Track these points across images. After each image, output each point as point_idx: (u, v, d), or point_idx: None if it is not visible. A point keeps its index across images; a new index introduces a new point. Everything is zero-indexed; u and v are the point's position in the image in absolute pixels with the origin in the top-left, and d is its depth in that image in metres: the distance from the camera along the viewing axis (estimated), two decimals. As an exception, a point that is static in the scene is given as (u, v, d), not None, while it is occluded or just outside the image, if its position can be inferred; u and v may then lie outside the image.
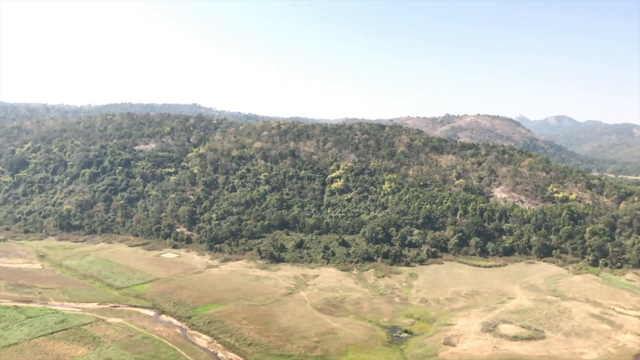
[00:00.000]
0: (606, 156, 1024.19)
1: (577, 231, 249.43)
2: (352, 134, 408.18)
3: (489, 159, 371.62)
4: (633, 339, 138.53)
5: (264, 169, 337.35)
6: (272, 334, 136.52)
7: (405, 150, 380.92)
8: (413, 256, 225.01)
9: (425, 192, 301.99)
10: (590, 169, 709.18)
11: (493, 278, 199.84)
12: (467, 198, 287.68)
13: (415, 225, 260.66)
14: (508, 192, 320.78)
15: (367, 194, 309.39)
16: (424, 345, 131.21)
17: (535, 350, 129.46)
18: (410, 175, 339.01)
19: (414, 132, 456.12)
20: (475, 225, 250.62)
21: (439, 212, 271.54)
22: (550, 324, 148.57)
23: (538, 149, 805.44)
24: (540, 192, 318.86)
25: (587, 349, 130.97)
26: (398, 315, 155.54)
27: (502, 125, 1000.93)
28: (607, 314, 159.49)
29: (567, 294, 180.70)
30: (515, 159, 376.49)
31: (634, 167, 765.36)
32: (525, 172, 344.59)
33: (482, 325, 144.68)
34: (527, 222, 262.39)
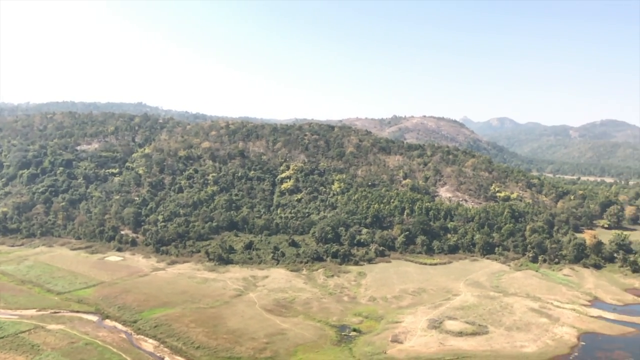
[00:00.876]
0: (545, 156, 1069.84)
1: (518, 229, 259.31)
2: (302, 134, 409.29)
3: (434, 159, 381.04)
4: (569, 331, 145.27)
5: (212, 170, 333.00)
6: (220, 337, 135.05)
7: (354, 150, 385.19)
8: (362, 255, 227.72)
9: (373, 192, 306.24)
10: (530, 168, 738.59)
11: (439, 275, 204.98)
12: (414, 197, 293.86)
13: (363, 225, 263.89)
14: (453, 192, 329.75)
15: (317, 194, 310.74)
16: (372, 343, 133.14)
17: (479, 345, 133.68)
18: (359, 175, 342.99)
19: (362, 133, 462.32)
20: (421, 224, 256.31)
21: (387, 211, 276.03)
22: (493, 319, 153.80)
23: (481, 150, 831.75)
24: (483, 191, 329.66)
25: (527, 342, 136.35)
26: (347, 314, 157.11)
27: (447, 126, 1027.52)
28: (545, 308, 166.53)
29: (509, 290, 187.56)
30: (459, 159, 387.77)
31: (570, 167, 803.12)
32: (469, 172, 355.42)
33: (429, 322, 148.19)
34: (470, 220, 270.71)
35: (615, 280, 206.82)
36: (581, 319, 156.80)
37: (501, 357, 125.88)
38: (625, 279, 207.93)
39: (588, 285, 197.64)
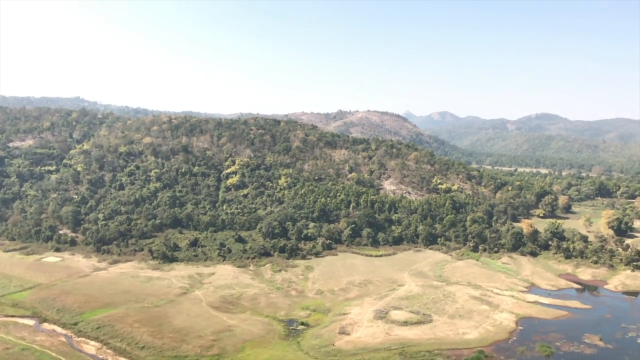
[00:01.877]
0: (484, 149, 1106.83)
1: (459, 219, 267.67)
2: (247, 128, 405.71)
3: (378, 153, 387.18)
4: (508, 317, 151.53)
5: (154, 166, 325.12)
6: (166, 336, 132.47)
7: (301, 145, 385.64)
8: (309, 249, 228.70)
9: (320, 186, 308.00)
10: (470, 161, 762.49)
11: (384, 267, 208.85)
12: (359, 191, 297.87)
13: (311, 219, 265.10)
14: (397, 185, 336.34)
15: (264, 189, 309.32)
16: (320, 336, 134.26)
17: (424, 333, 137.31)
18: (305, 169, 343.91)
19: (308, 128, 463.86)
20: (367, 216, 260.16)
21: (333, 205, 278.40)
22: (436, 307, 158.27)
23: (423, 143, 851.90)
24: (426, 183, 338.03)
25: (469, 329, 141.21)
26: (295, 308, 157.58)
27: (390, 120, 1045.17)
28: (486, 295, 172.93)
29: (451, 279, 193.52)
30: (402, 153, 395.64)
31: (508, 159, 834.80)
32: (412, 165, 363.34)
33: (375, 313, 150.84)
34: (414, 212, 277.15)
35: (550, 266, 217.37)
36: (519, 304, 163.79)
37: (445, 344, 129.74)
38: (559, 265, 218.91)
39: (525, 272, 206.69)
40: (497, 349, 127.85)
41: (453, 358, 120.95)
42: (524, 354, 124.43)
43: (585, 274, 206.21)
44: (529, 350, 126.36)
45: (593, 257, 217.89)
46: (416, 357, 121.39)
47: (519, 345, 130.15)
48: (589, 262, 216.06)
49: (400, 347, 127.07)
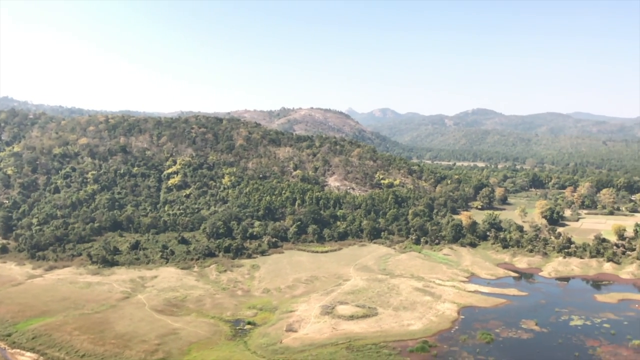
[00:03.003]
0: (424, 144, 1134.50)
1: (401, 213, 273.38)
2: (188, 127, 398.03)
3: (322, 150, 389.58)
4: (450, 307, 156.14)
5: (91, 167, 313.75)
6: (108, 342, 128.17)
7: (244, 143, 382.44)
8: (255, 248, 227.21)
9: (265, 184, 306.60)
10: (411, 156, 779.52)
11: (330, 262, 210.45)
12: (304, 188, 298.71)
13: (256, 217, 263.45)
14: (341, 181, 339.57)
15: (207, 189, 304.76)
16: (267, 335, 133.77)
17: (370, 326, 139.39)
18: (249, 168, 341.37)
19: (252, 125, 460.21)
20: (312, 213, 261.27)
21: (279, 202, 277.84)
22: (381, 300, 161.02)
23: (366, 140, 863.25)
24: (369, 179, 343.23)
25: (413, 320, 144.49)
26: (241, 308, 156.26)
27: (333, 118, 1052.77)
28: (428, 286, 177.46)
29: (395, 272, 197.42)
30: (346, 149, 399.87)
31: (446, 154, 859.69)
32: (356, 162, 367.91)
33: (321, 309, 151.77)
34: (358, 207, 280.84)
35: (489, 256, 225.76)
36: (460, 294, 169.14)
37: (390, 336, 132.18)
38: (497, 254, 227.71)
39: (465, 262, 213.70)
40: (441, 338, 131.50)
41: (398, 349, 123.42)
42: (465, 342, 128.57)
43: (522, 262, 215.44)
44: (470, 339, 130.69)
45: (528, 246, 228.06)
46: (362, 350, 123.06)
47: (461, 333, 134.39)
48: (524, 251, 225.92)
49: (347, 341, 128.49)
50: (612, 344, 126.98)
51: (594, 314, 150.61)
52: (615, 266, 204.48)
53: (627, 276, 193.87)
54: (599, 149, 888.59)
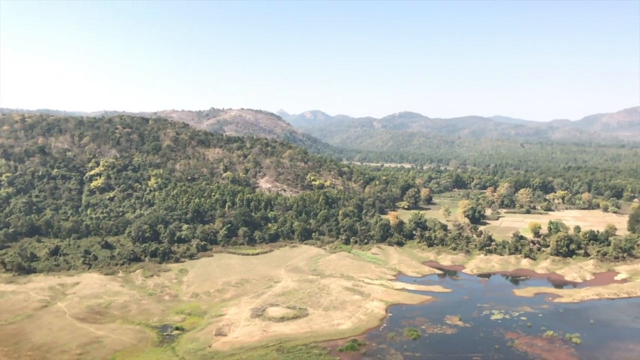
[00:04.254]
0: (353, 146, 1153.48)
1: (332, 214, 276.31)
2: (112, 127, 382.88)
3: (253, 151, 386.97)
4: (378, 305, 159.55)
5: (5, 169, 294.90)
6: (24, 354, 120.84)
7: (172, 144, 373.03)
8: (183, 252, 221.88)
9: (193, 186, 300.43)
10: (341, 158, 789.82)
11: (261, 265, 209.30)
12: (235, 190, 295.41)
13: (184, 220, 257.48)
14: (272, 182, 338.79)
15: (132, 191, 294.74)
16: (196, 340, 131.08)
17: (300, 327, 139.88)
18: (177, 169, 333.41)
19: (180, 126, 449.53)
20: (243, 215, 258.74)
21: (208, 205, 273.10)
22: (312, 301, 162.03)
23: (297, 141, 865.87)
24: (300, 180, 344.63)
25: (343, 319, 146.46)
26: (169, 314, 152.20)
27: (264, 119, 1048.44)
28: (358, 285, 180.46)
29: (326, 272, 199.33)
30: (277, 151, 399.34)
31: (375, 155, 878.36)
32: (287, 163, 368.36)
33: (252, 311, 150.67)
34: (289, 209, 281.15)
35: (415, 254, 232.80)
36: (388, 292, 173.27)
37: (320, 336, 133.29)
38: (423, 253, 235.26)
39: (393, 261, 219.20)
40: (370, 336, 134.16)
41: (328, 349, 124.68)
42: (393, 339, 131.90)
43: (446, 260, 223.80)
44: (398, 336, 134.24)
45: (452, 244, 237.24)
46: (293, 351, 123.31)
47: (389, 331, 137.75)
48: (448, 249, 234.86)
49: (277, 343, 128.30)
50: (529, 336, 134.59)
51: (513, 308, 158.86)
52: (532, 262, 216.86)
53: (542, 271, 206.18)
54: (517, 151, 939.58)
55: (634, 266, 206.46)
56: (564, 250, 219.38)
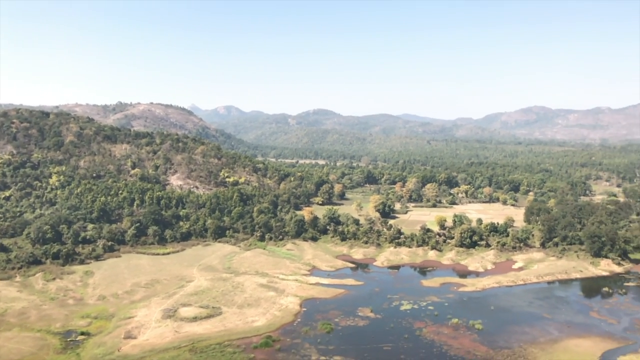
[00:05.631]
0: (268, 142, 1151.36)
1: (246, 211, 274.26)
2: (8, 122, 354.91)
3: (164, 147, 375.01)
4: (293, 300, 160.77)
5: None
6: None
7: (75, 140, 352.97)
8: (88, 253, 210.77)
9: (99, 184, 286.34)
10: (256, 154, 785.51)
11: (172, 264, 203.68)
12: (144, 187, 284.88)
13: (89, 220, 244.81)
14: (184, 179, 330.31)
15: (31, 190, 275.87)
16: (103, 344, 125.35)
17: (214, 327, 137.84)
18: (81, 166, 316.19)
19: (84, 121, 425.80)
20: (152, 214, 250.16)
21: (115, 203, 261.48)
22: (226, 299, 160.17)
23: (210, 137, 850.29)
24: (214, 177, 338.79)
25: (257, 316, 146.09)
26: (73, 318, 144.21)
27: (175, 114, 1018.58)
28: (273, 282, 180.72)
29: (240, 270, 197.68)
30: (189, 147, 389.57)
31: (290, 152, 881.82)
32: (199, 159, 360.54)
33: (163, 312, 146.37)
34: (202, 206, 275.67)
35: (329, 249, 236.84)
36: (302, 287, 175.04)
37: (234, 334, 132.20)
38: (336, 247, 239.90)
39: (307, 256, 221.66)
40: (284, 332, 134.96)
41: (243, 347, 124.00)
42: (307, 333, 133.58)
43: (358, 253, 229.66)
44: (312, 330, 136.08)
45: (364, 238, 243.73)
46: (206, 351, 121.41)
47: (304, 325, 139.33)
48: (360, 243, 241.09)
49: (190, 343, 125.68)
50: (436, 324, 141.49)
51: (421, 298, 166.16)
52: (438, 253, 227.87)
53: (448, 262, 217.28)
54: (424, 148, 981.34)
55: (529, 255, 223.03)
56: (468, 241, 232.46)
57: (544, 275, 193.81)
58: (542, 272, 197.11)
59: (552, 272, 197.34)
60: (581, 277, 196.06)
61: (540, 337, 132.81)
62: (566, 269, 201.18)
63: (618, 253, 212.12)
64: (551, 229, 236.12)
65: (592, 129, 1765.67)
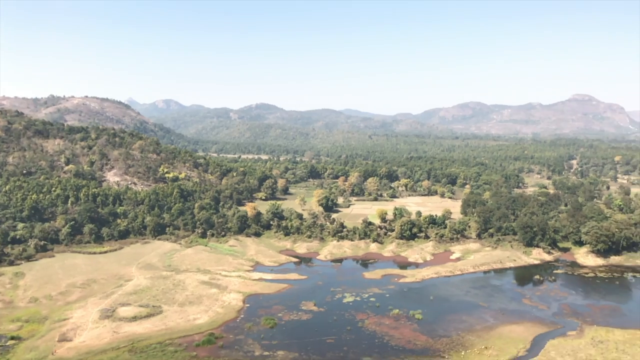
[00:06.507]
0: (210, 137, 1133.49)
1: (187, 207, 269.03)
2: None
3: (99, 142, 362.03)
4: (236, 297, 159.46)
5: None
6: None
7: (3, 134, 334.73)
8: (18, 253, 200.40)
9: (30, 181, 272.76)
10: (196, 149, 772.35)
11: (110, 263, 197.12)
12: (79, 184, 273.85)
13: (19, 219, 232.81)
14: (121, 175, 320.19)
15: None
16: (35, 348, 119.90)
17: (154, 326, 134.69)
18: (10, 162, 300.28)
19: (12, 114, 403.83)
20: (88, 211, 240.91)
21: (48, 201, 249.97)
22: (166, 298, 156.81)
23: (148, 132, 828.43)
24: (152, 173, 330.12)
25: (199, 314, 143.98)
26: (2, 323, 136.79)
27: (112, 108, 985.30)
28: (215, 279, 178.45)
29: (181, 267, 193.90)
30: (126, 142, 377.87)
31: (232, 147, 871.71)
32: (137, 155, 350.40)
33: (100, 313, 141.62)
34: (141, 203, 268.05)
35: (272, 244, 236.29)
36: (245, 283, 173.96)
37: (176, 333, 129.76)
38: (280, 242, 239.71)
39: (250, 252, 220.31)
40: (227, 328, 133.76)
41: (184, 345, 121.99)
42: (250, 329, 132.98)
43: (302, 248, 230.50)
44: (255, 325, 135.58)
45: (307, 232, 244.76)
46: (147, 351, 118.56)
47: (247, 321, 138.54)
48: (304, 237, 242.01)
49: (129, 343, 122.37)
50: (377, 315, 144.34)
51: (363, 290, 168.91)
52: (379, 246, 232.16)
53: (389, 254, 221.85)
54: (365, 142, 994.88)
55: (466, 246, 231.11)
56: (408, 233, 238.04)
57: (480, 265, 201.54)
58: (478, 262, 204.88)
59: (487, 262, 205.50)
60: (515, 266, 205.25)
61: (477, 325, 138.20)
62: (501, 259, 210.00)
63: (548, 242, 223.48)
64: (486, 221, 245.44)
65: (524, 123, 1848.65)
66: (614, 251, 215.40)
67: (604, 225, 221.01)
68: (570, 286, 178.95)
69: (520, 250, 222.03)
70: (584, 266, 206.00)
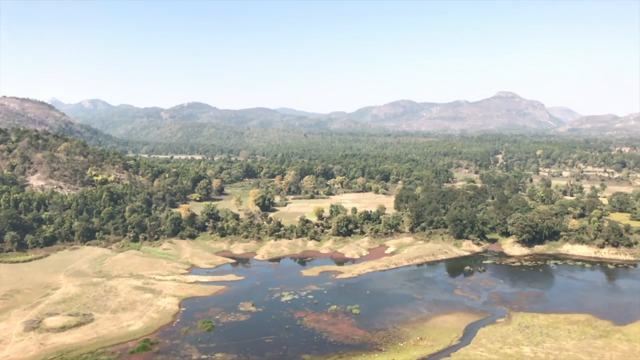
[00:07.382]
0: (140, 138, 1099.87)
1: (117, 211, 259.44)
2: None
3: (21, 145, 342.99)
4: (171, 301, 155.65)
5: None
6: None
7: None
8: None
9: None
10: (126, 150, 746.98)
11: (35, 272, 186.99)
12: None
13: None
14: (45, 179, 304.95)
15: None
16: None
17: (85, 335, 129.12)
18: None
19: None
20: (10, 218, 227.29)
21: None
22: (98, 305, 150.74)
23: (74, 133, 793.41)
24: (80, 176, 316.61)
25: (133, 320, 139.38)
26: None
27: (33, 108, 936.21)
28: (149, 283, 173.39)
29: (112, 273, 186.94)
30: (50, 144, 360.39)
31: (164, 147, 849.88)
32: (63, 157, 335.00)
33: (25, 325, 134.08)
34: (67, 208, 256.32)
35: (208, 246, 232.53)
36: (181, 287, 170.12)
37: (109, 341, 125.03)
38: (216, 243, 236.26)
39: (185, 255, 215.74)
40: (163, 334, 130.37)
41: (118, 353, 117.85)
42: (187, 333, 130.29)
43: (239, 248, 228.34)
44: (192, 329, 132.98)
45: (244, 233, 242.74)
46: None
47: (183, 325, 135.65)
48: (241, 238, 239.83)
49: (58, 355, 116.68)
50: (316, 312, 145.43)
51: (301, 288, 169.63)
52: (317, 243, 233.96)
53: (326, 251, 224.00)
54: (301, 141, 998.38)
55: (400, 240, 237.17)
56: (344, 230, 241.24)
57: (413, 258, 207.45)
58: (411, 256, 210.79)
59: (420, 255, 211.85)
60: (446, 258, 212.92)
61: (412, 317, 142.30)
62: (433, 251, 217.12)
63: (477, 234, 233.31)
64: (419, 215, 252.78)
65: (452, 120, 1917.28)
66: (537, 240, 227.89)
67: (528, 216, 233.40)
68: (498, 275, 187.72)
69: (451, 243, 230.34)
70: (510, 256, 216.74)
